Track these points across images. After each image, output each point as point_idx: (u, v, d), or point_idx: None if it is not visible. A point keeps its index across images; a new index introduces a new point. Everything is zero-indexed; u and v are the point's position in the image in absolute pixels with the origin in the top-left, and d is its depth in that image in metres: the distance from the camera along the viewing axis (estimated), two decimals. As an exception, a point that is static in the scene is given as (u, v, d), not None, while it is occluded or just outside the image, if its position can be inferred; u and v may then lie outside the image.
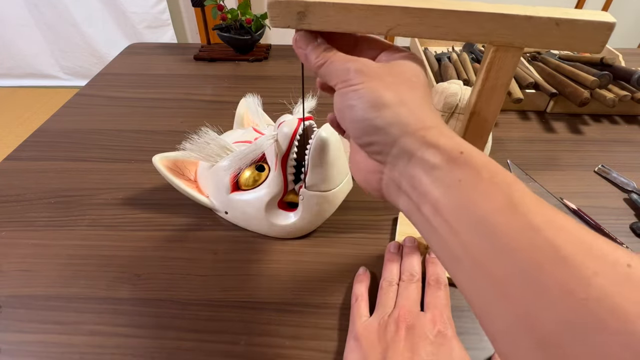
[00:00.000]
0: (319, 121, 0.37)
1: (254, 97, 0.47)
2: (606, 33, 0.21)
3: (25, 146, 0.54)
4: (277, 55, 0.83)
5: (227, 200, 0.40)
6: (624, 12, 1.81)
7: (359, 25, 0.22)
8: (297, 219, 0.39)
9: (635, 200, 0.44)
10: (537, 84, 0.61)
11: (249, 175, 0.39)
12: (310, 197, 0.38)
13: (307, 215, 0.39)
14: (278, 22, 0.22)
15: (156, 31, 1.88)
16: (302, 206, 0.38)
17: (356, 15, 0.22)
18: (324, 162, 0.36)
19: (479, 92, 0.25)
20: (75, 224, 0.42)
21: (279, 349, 0.31)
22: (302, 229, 0.40)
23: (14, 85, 2.05)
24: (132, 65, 0.79)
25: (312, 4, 0.22)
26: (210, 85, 0.71)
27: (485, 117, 0.26)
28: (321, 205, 0.39)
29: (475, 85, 0.25)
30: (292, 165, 0.37)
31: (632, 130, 0.58)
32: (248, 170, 0.39)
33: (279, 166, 0.37)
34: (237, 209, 0.40)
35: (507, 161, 0.51)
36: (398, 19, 0.22)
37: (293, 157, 0.37)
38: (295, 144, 0.36)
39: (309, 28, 0.22)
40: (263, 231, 0.40)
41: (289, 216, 0.40)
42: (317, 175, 0.37)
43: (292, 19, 0.22)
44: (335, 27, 0.22)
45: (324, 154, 0.36)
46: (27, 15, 1.84)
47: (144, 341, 0.32)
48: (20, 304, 0.34)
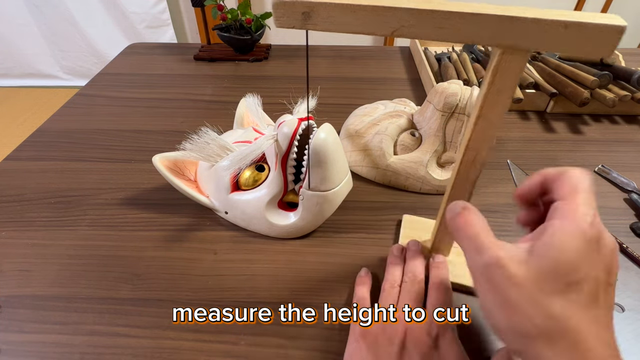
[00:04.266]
0: (319, 121, 0.37)
1: (254, 97, 0.47)
2: (616, 37, 0.21)
3: (25, 146, 0.54)
4: (277, 55, 0.83)
5: (227, 200, 0.40)
6: (624, 12, 1.81)
7: (363, 27, 0.22)
8: (297, 219, 0.39)
9: (636, 200, 0.44)
10: (537, 84, 0.61)
11: (249, 176, 0.39)
12: (310, 197, 0.38)
13: (307, 215, 0.39)
14: (283, 22, 0.23)
15: (156, 31, 1.88)
16: (302, 206, 0.39)
17: (360, 16, 0.22)
18: (323, 162, 0.36)
19: (484, 95, 0.25)
20: (75, 224, 0.42)
21: (279, 349, 0.31)
22: (302, 229, 0.40)
23: (14, 85, 2.05)
24: (132, 65, 0.79)
25: (316, 5, 0.22)
26: (210, 85, 0.71)
27: (491, 120, 0.26)
28: (321, 205, 0.39)
29: (481, 88, 0.25)
30: (292, 165, 0.37)
31: (632, 130, 0.58)
32: (248, 171, 0.40)
33: (279, 166, 0.37)
34: (237, 208, 0.40)
35: (507, 161, 0.51)
36: (402, 21, 0.22)
37: (293, 157, 0.37)
38: (295, 144, 0.36)
39: (314, 29, 0.23)
40: (263, 231, 0.40)
41: (289, 216, 0.40)
42: (317, 175, 0.37)
43: (297, 19, 0.22)
44: (339, 28, 0.22)
45: (323, 154, 0.36)
46: (27, 15, 1.84)
47: (144, 341, 0.32)
48: (20, 304, 0.34)
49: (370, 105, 0.53)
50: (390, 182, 0.46)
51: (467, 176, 0.29)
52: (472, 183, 0.29)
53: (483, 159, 0.28)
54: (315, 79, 0.73)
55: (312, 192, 0.38)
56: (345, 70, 0.76)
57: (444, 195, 0.33)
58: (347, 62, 0.80)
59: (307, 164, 0.36)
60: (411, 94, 0.67)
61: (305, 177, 0.37)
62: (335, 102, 0.65)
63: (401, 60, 0.80)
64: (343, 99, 0.65)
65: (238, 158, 0.37)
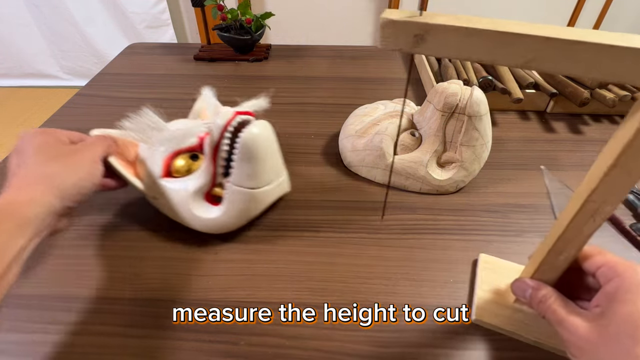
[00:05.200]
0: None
1: (210, 90, 0.44)
2: None
3: (25, 146, 0.54)
4: (277, 55, 0.83)
5: (157, 186, 0.39)
6: (624, 12, 1.81)
7: (486, 54, 0.19)
8: (220, 214, 0.38)
9: (632, 201, 0.44)
10: (537, 84, 0.61)
11: (183, 164, 0.39)
12: (234, 192, 0.37)
13: (230, 211, 0.38)
14: (389, 44, 0.20)
15: (156, 31, 1.88)
16: (226, 201, 0.38)
17: (484, 42, 0.19)
18: (251, 158, 0.35)
19: (629, 142, 0.20)
20: (75, 224, 0.42)
21: (279, 349, 0.31)
22: (225, 225, 0.39)
23: (14, 85, 2.05)
24: (132, 65, 0.79)
25: (434, 28, 0.19)
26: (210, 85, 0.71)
27: (630, 171, 0.21)
28: (246, 202, 0.38)
29: (624, 135, 0.21)
30: (223, 157, 0.37)
31: (632, 130, 0.58)
32: (182, 159, 0.39)
33: (211, 157, 0.37)
34: (164, 195, 0.39)
35: (540, 167, 0.50)
36: (537, 51, 0.19)
37: (225, 149, 0.36)
38: (227, 135, 0.36)
39: (426, 53, 0.20)
40: (186, 222, 0.39)
41: (212, 210, 0.38)
42: (243, 171, 0.36)
43: (407, 42, 0.20)
44: (455, 54, 0.20)
45: (252, 149, 0.35)
46: (27, 15, 1.84)
47: (144, 341, 0.32)
48: (20, 304, 0.34)
49: (370, 105, 0.53)
50: (391, 182, 0.46)
51: (580, 231, 0.25)
52: (585, 239, 0.26)
53: (607, 214, 0.23)
54: (315, 79, 0.73)
55: (237, 188, 0.37)
56: (345, 70, 0.76)
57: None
58: (347, 62, 0.80)
59: (235, 158, 0.36)
60: (411, 94, 0.67)
61: (233, 171, 0.36)
62: (335, 102, 0.65)
63: (401, 60, 0.80)
64: (343, 99, 0.65)
65: (167, 139, 0.37)
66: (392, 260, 0.38)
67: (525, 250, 0.39)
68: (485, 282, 0.35)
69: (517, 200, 0.45)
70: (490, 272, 0.36)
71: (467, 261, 0.38)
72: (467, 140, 0.43)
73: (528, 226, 0.42)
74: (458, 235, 0.41)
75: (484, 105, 0.42)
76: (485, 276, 0.36)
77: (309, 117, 0.60)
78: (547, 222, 0.43)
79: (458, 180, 0.45)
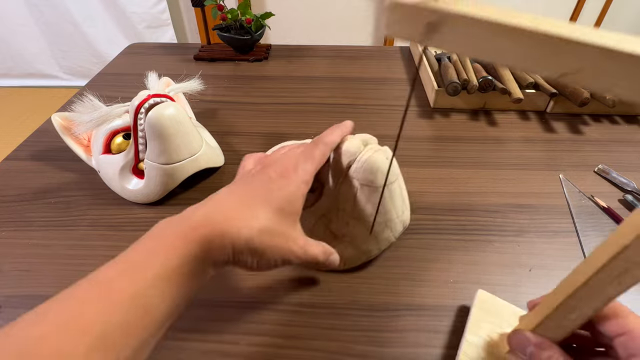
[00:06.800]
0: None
1: (154, 74, 0.49)
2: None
3: (25, 146, 0.54)
4: (277, 55, 0.83)
5: (99, 161, 0.45)
6: (624, 12, 1.81)
7: (514, 59, 0.15)
8: (141, 186, 0.43)
9: (631, 201, 0.44)
10: (537, 84, 0.61)
11: (120, 142, 0.45)
12: (149, 167, 0.42)
13: (149, 184, 0.43)
14: (397, 30, 0.17)
15: (156, 31, 1.88)
16: (145, 175, 0.43)
17: (519, 45, 0.14)
18: (158, 136, 0.39)
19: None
20: (75, 224, 0.42)
21: (279, 349, 0.31)
22: (147, 196, 0.44)
23: (14, 85, 2.05)
24: (132, 65, 0.79)
25: (451, 16, 0.15)
26: (210, 85, 0.71)
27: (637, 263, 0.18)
28: (161, 177, 0.42)
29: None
30: (141, 136, 0.41)
31: (632, 130, 0.58)
32: (119, 137, 0.45)
33: (133, 136, 0.42)
34: (103, 169, 0.46)
35: (559, 176, 0.48)
36: (585, 62, 0.14)
37: (140, 129, 0.41)
38: (141, 116, 0.40)
39: (438, 46, 0.16)
40: (118, 192, 0.45)
41: (136, 182, 0.44)
42: (154, 148, 0.40)
43: (417, 30, 0.16)
44: (474, 53, 0.16)
45: (158, 128, 0.39)
46: (27, 15, 1.84)
47: (144, 341, 0.32)
48: (20, 304, 0.34)
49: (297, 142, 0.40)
50: None
51: (601, 290, 0.20)
52: (605, 302, 0.20)
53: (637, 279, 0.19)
54: (315, 79, 0.73)
55: (151, 163, 0.41)
56: (345, 70, 0.76)
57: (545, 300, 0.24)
58: (347, 62, 0.80)
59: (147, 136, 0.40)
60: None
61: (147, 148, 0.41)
62: (335, 102, 0.65)
63: (401, 60, 0.80)
64: (343, 99, 0.65)
65: (97, 116, 0.43)
66: (392, 260, 0.38)
67: (525, 250, 0.39)
68: (477, 325, 0.30)
69: (517, 200, 0.45)
70: (485, 313, 0.31)
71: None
72: (358, 213, 0.34)
73: (528, 226, 0.42)
74: (458, 235, 0.41)
75: (381, 174, 0.32)
76: (479, 316, 0.31)
77: (308, 117, 0.60)
78: (547, 222, 0.43)
79: (346, 258, 0.36)
